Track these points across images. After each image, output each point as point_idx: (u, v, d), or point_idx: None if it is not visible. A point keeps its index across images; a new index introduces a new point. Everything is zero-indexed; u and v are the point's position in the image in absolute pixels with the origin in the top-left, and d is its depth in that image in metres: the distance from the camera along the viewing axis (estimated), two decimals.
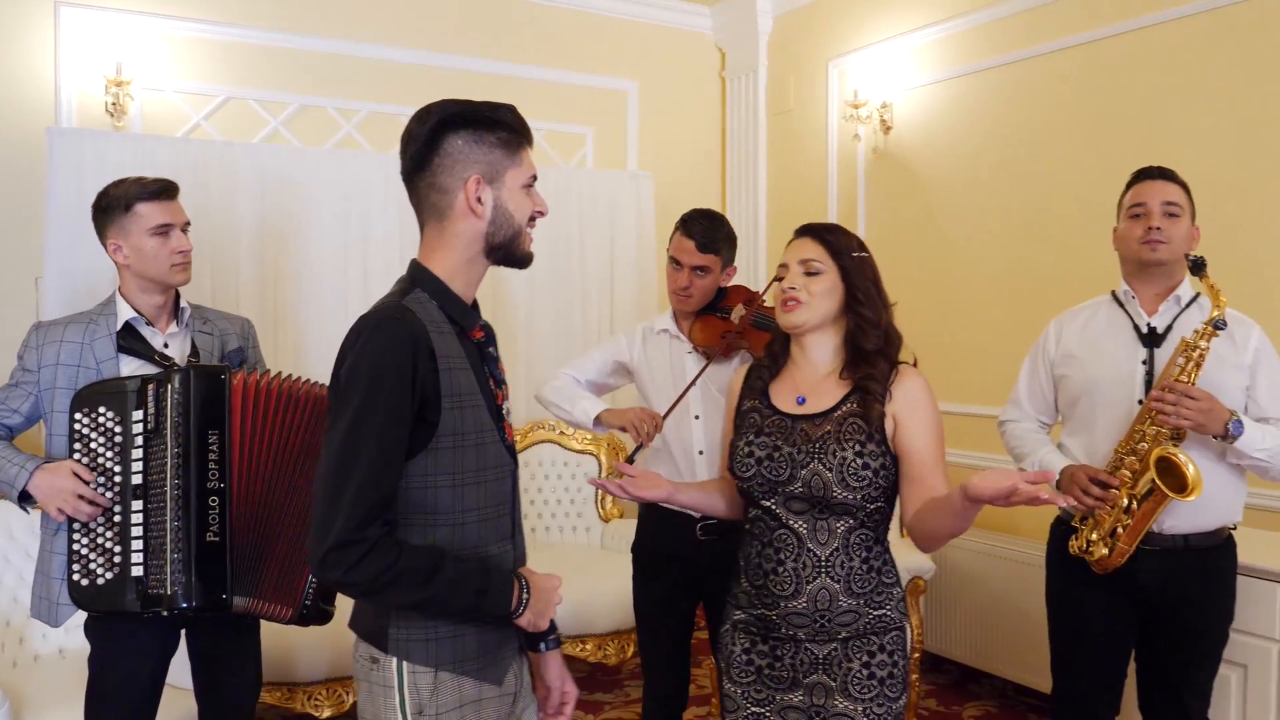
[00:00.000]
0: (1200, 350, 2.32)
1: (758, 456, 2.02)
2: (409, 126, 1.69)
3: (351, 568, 1.51)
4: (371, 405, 1.53)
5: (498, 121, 1.68)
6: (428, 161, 1.66)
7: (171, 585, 2.20)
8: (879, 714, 1.99)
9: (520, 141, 1.72)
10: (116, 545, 2.26)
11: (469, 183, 1.65)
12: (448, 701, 1.62)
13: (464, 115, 1.67)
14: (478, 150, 1.66)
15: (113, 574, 2.25)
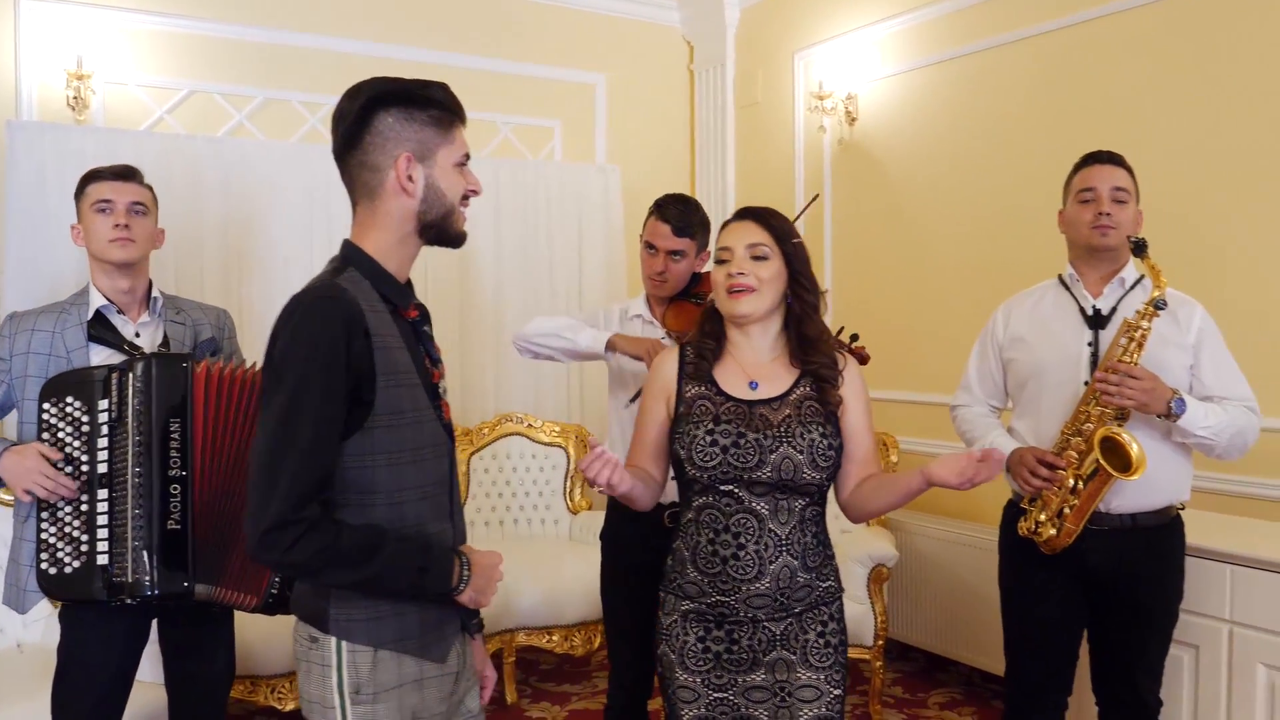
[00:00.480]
0: (1142, 330, 2.34)
1: (722, 445, 1.99)
2: (340, 104, 1.68)
3: (289, 549, 1.50)
4: (306, 385, 1.53)
5: (429, 99, 1.68)
6: (358, 140, 1.66)
7: (133, 573, 2.20)
8: (837, 680, 2.04)
9: (452, 120, 1.71)
10: (83, 534, 2.26)
11: (400, 161, 1.64)
12: (386, 680, 1.62)
13: (395, 93, 1.66)
14: (409, 128, 1.66)
15: (80, 562, 2.24)
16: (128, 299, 2.49)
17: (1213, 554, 2.75)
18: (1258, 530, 2.99)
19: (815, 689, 2.02)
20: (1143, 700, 2.53)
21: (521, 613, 4.03)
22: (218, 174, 4.35)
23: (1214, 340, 2.48)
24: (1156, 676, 2.55)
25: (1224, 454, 2.45)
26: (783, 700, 2.03)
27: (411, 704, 1.65)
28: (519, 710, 4.02)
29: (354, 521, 1.58)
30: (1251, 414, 2.45)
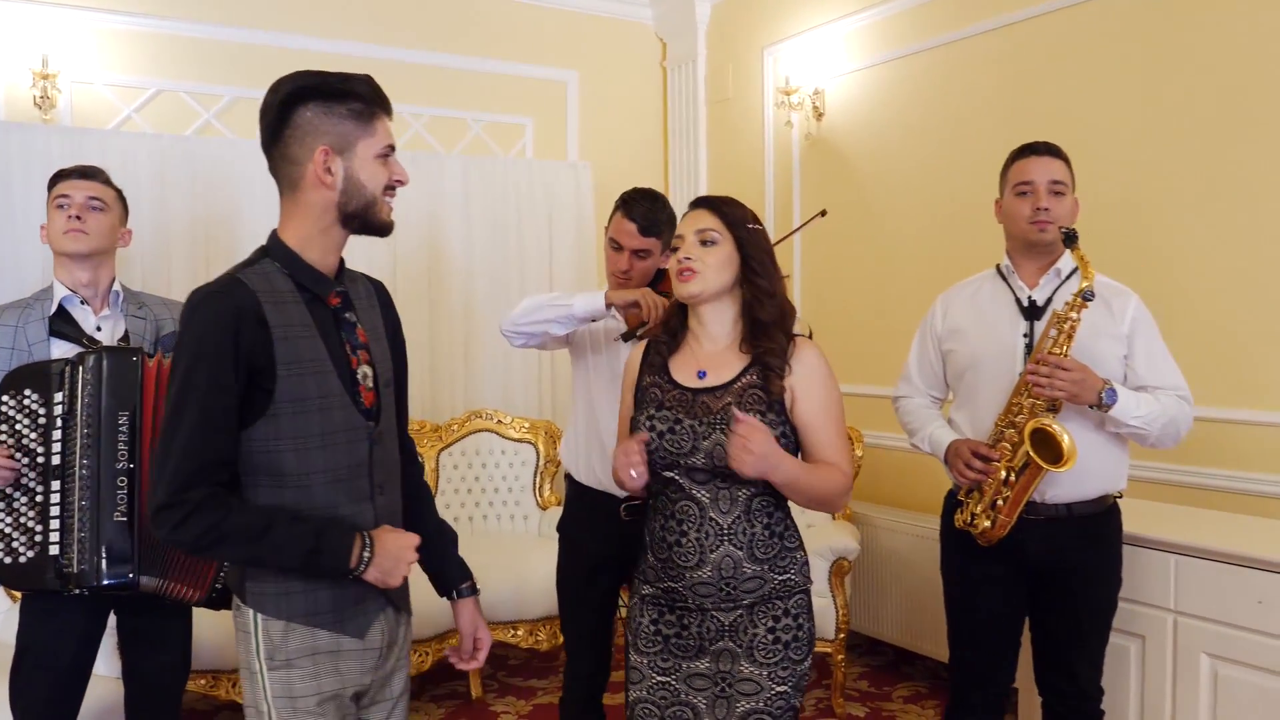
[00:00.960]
0: (1071, 321, 2.35)
1: (659, 430, 2.01)
2: (264, 99, 1.72)
3: (176, 527, 1.58)
4: (193, 377, 1.60)
5: (349, 93, 1.71)
6: (279, 133, 1.70)
7: (78, 564, 2.24)
8: (782, 677, 2.02)
9: (374, 112, 1.74)
10: (38, 524, 2.30)
11: (318, 153, 1.68)
12: (299, 648, 1.69)
13: (314, 87, 1.70)
14: (327, 121, 1.69)
15: (34, 552, 2.28)
16: (89, 292, 2.54)
17: (1156, 543, 2.76)
18: (1200, 519, 3.00)
19: (755, 683, 2.01)
20: (1083, 690, 2.54)
21: (485, 607, 4.01)
22: (185, 172, 4.37)
23: (1148, 330, 2.48)
24: (1097, 666, 2.55)
25: (1157, 443, 2.45)
26: (722, 690, 2.03)
27: (327, 674, 1.70)
28: (484, 705, 4.04)
29: (265, 503, 1.64)
30: (1184, 403, 2.46)
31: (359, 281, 1.89)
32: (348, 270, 1.85)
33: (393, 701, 1.85)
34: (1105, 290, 2.51)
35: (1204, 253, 3.38)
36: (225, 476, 1.63)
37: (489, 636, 2.03)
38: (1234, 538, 2.73)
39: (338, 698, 1.72)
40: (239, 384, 1.61)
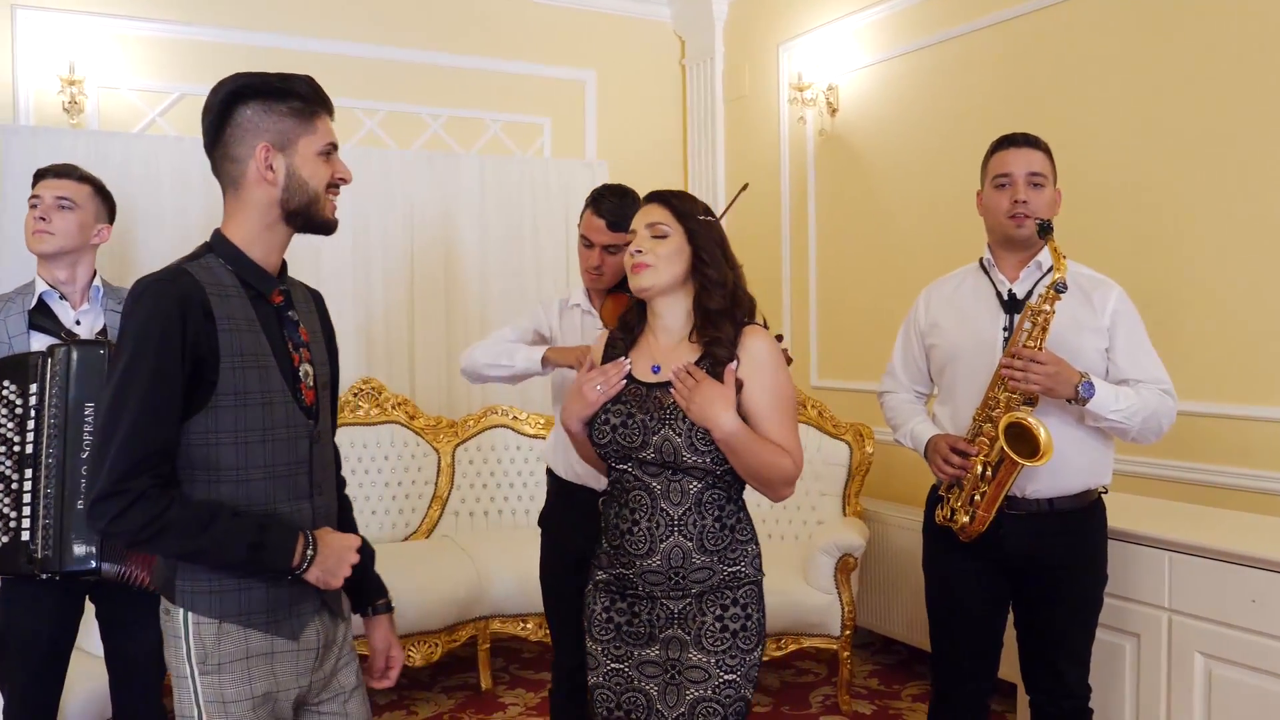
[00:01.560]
0: (1045, 314, 2.32)
1: (613, 424, 2.05)
2: (206, 100, 1.75)
3: (115, 518, 1.57)
4: (135, 366, 1.59)
5: (289, 91, 1.73)
6: (221, 133, 1.73)
7: (43, 550, 2.31)
8: (731, 665, 2.03)
9: (314, 110, 1.76)
10: (12, 511, 2.36)
11: (258, 150, 1.70)
12: (232, 651, 1.67)
13: (254, 87, 1.72)
14: (267, 119, 1.72)
15: (8, 538, 2.35)
16: (68, 288, 2.60)
17: (1151, 540, 2.72)
18: (1197, 516, 2.95)
19: (704, 670, 2.02)
20: (1068, 689, 2.50)
21: (495, 600, 4.09)
22: (205, 174, 4.44)
23: (1129, 322, 2.45)
24: (1083, 663, 2.52)
25: (1138, 438, 2.41)
26: (672, 678, 2.05)
27: (260, 677, 1.69)
28: (493, 696, 4.08)
29: (200, 497, 1.64)
30: (1166, 397, 2.41)
31: (298, 286, 1.90)
32: (289, 275, 1.86)
33: (345, 694, 1.85)
34: (1086, 282, 2.47)
35: (1210, 247, 3.31)
36: (168, 468, 1.62)
37: (401, 655, 2.02)
38: (1230, 535, 2.67)
39: (269, 699, 1.71)
40: (184, 374, 1.62)
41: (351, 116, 4.97)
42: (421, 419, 4.70)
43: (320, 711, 1.83)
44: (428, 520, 4.61)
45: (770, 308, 5.23)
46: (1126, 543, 2.74)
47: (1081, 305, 2.44)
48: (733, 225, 5.49)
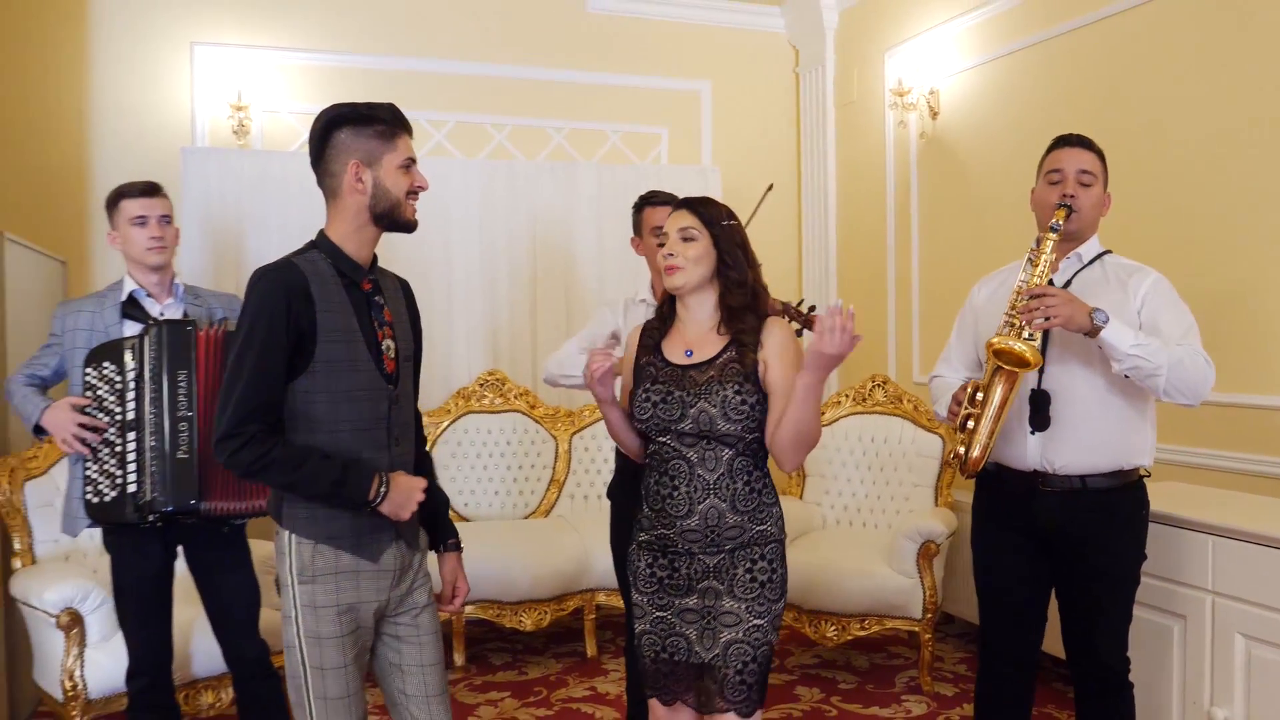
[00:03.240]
0: (1045, 257, 2.49)
1: (653, 401, 2.34)
2: (311, 127, 2.14)
3: (233, 454, 1.99)
4: (251, 337, 2.01)
5: (374, 117, 2.11)
6: (322, 153, 2.12)
7: (151, 493, 2.74)
8: (759, 611, 2.30)
9: (395, 132, 2.13)
10: (118, 470, 2.81)
11: (350, 166, 2.09)
12: (324, 566, 2.07)
13: (345, 115, 2.11)
14: (357, 141, 2.10)
15: (115, 492, 2.79)
16: (157, 289, 3.04)
17: (1195, 525, 2.80)
18: (1242, 502, 3.01)
19: (736, 615, 2.30)
20: (1105, 663, 2.62)
21: (600, 574, 4.42)
22: None
23: (1159, 299, 2.55)
24: (1119, 637, 2.62)
25: (1170, 390, 2.45)
26: (708, 623, 2.33)
27: (346, 590, 2.08)
28: (597, 663, 4.42)
29: (300, 443, 2.04)
30: (1199, 357, 2.48)
31: (389, 276, 2.29)
32: (379, 267, 2.25)
33: (417, 610, 2.23)
34: (1122, 270, 2.61)
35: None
36: (274, 418, 2.02)
37: (467, 586, 2.40)
38: (1269, 520, 2.74)
39: (354, 610, 2.10)
40: (289, 344, 2.01)
41: (481, 131, 5.43)
42: (541, 408, 5.09)
43: (397, 623, 2.21)
44: (545, 501, 5.00)
45: (875, 304, 5.41)
46: (1173, 527, 2.83)
47: (1117, 289, 2.57)
48: (839, 225, 5.70)
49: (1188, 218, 3.68)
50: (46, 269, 4.42)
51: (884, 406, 4.75)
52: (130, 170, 4.81)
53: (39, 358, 3.02)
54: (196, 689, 3.40)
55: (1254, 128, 3.44)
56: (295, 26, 5.12)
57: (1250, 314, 3.43)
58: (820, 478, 4.77)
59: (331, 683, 2.06)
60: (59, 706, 3.29)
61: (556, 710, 3.93)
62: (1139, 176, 3.85)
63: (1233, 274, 3.50)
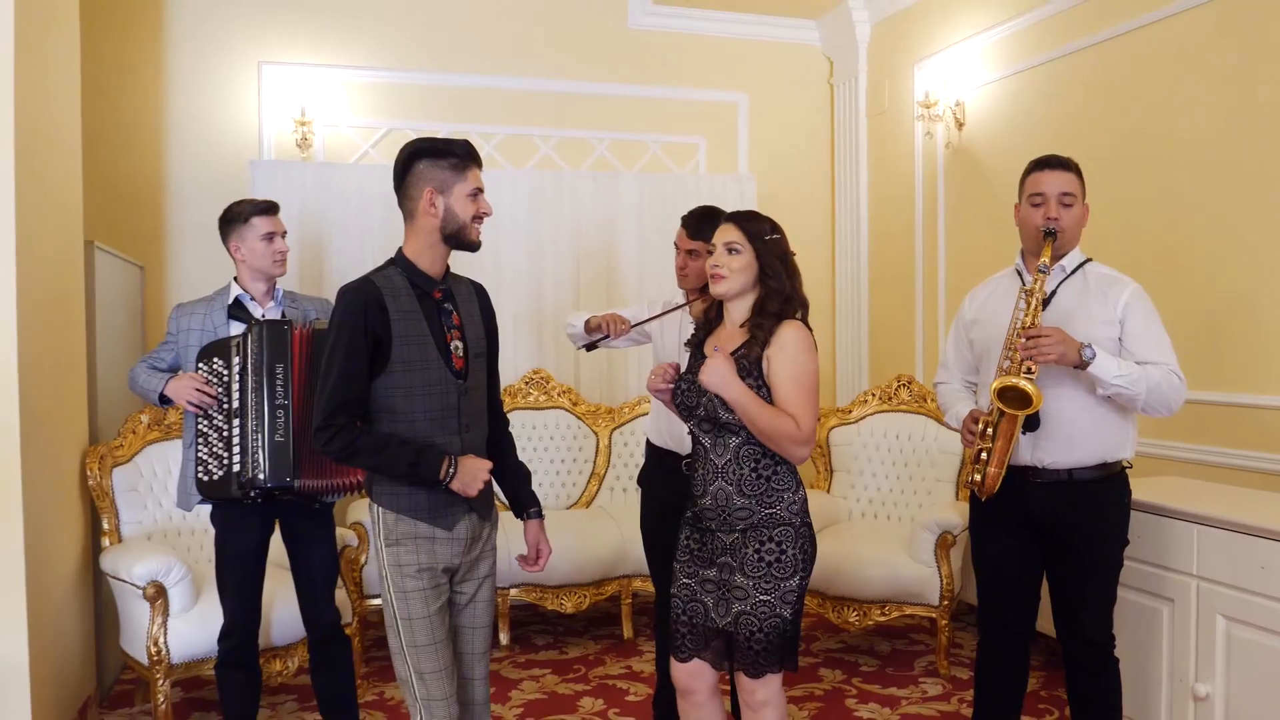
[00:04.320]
0: (1036, 295, 2.71)
1: (682, 389, 2.66)
2: (396, 157, 2.47)
3: (326, 442, 2.35)
4: (336, 344, 2.36)
5: (449, 151, 2.44)
6: (403, 180, 2.46)
7: (252, 472, 3.09)
8: (766, 588, 2.56)
9: (467, 165, 2.45)
10: (224, 451, 3.16)
11: (426, 193, 2.41)
12: (406, 533, 2.42)
13: (425, 148, 2.44)
14: (433, 171, 2.42)
15: (222, 471, 3.15)
16: (263, 295, 3.37)
17: (1182, 514, 3.02)
18: (1225, 494, 3.22)
19: (745, 590, 2.57)
20: (1091, 638, 2.85)
21: (635, 561, 4.69)
22: None
23: (1140, 314, 2.78)
24: (1104, 615, 2.85)
25: (1148, 408, 2.73)
26: (723, 594, 2.62)
27: (424, 553, 2.42)
28: (633, 644, 4.71)
29: (384, 431, 2.39)
30: (1172, 375, 2.73)
31: (463, 283, 2.60)
32: (453, 275, 2.56)
33: (479, 580, 2.56)
34: (1103, 281, 2.83)
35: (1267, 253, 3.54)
36: (360, 411, 2.38)
37: (549, 549, 2.72)
38: (1246, 509, 2.95)
39: (431, 570, 2.43)
40: (368, 349, 2.36)
41: (529, 142, 5.74)
42: (583, 405, 5.39)
43: (461, 590, 2.54)
44: (587, 493, 5.29)
45: (903, 306, 5.64)
46: (1162, 517, 3.05)
47: (1097, 300, 2.80)
48: (870, 230, 5.92)
49: (1190, 225, 3.87)
50: (128, 274, 4.81)
51: (909, 405, 4.97)
52: (203, 181, 5.22)
53: (157, 353, 3.38)
54: (267, 657, 3.73)
55: (1257, 141, 3.62)
56: (355, 46, 5.47)
57: (1246, 318, 3.63)
58: (846, 473, 5.01)
59: (419, 631, 2.40)
60: (144, 670, 3.65)
61: (594, 686, 4.22)
62: (1146, 185, 4.05)
63: (1232, 280, 3.70)
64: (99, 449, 4.00)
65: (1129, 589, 3.11)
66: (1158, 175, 4.04)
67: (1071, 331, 2.72)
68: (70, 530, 3.75)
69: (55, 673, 3.42)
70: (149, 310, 5.16)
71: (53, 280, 3.52)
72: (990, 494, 2.83)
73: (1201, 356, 3.73)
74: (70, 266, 3.80)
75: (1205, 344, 3.76)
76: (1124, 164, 4.18)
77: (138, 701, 4.05)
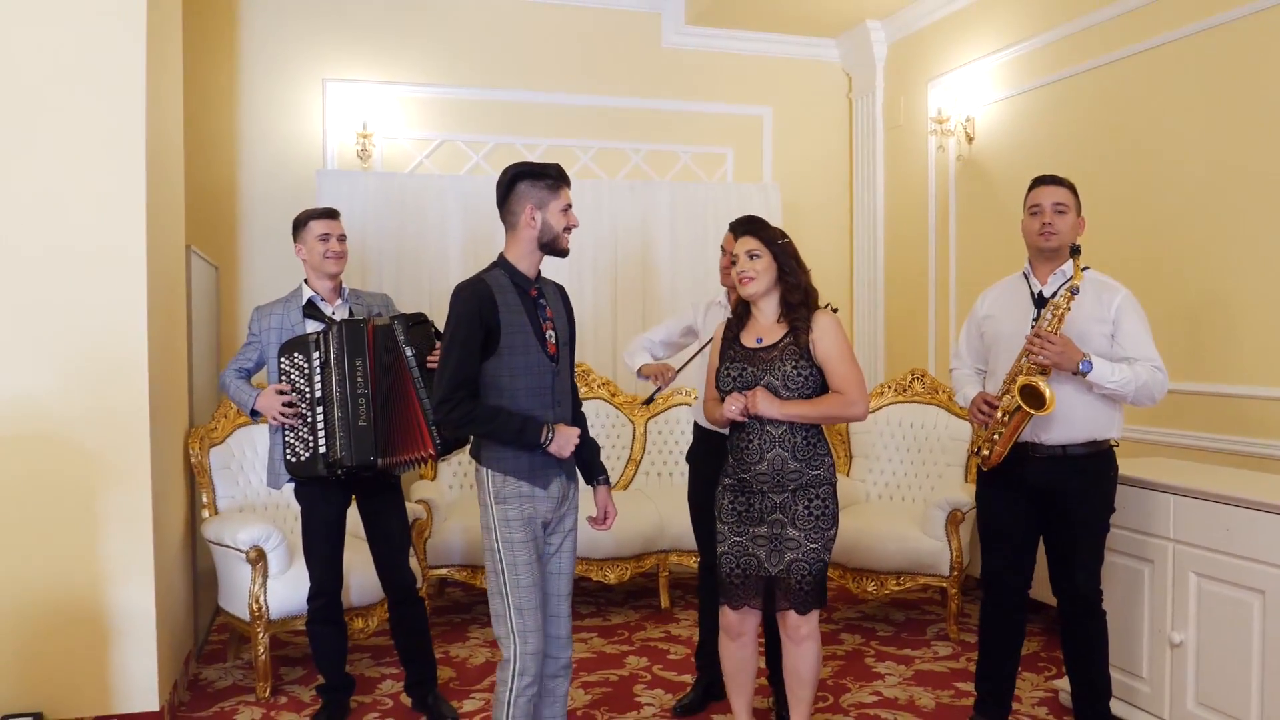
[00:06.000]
0: (1062, 309, 3.15)
1: (733, 375, 3.14)
2: (499, 178, 2.93)
3: (447, 413, 2.81)
4: (456, 333, 2.81)
5: (545, 174, 2.90)
6: (506, 198, 2.92)
7: (339, 452, 3.51)
8: (814, 538, 3.08)
9: (559, 185, 2.91)
10: (309, 435, 3.57)
11: (527, 208, 2.88)
12: (511, 492, 2.87)
13: (525, 171, 2.90)
14: (533, 190, 2.88)
15: (308, 453, 3.57)
16: (330, 293, 3.78)
17: (1160, 486, 3.46)
18: (1200, 471, 3.68)
19: (797, 541, 3.07)
20: (1079, 590, 3.30)
21: (672, 537, 5.16)
22: (459, 204, 5.80)
23: (1130, 316, 3.23)
24: (1091, 572, 3.30)
25: (1135, 401, 3.20)
26: (775, 546, 3.10)
27: (526, 508, 2.87)
28: (670, 613, 5.18)
29: (492, 404, 2.83)
30: (1157, 372, 3.19)
31: (549, 284, 3.06)
32: (543, 278, 3.02)
33: (565, 533, 3.01)
34: (1099, 286, 3.28)
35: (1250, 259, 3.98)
36: (474, 388, 2.82)
37: (615, 511, 3.16)
38: (1216, 482, 3.40)
39: (532, 523, 2.89)
40: (481, 335, 2.80)
41: (570, 153, 6.20)
42: (621, 396, 5.85)
43: (551, 541, 2.98)
44: (624, 478, 5.75)
45: (917, 306, 6.09)
46: (1144, 489, 3.49)
47: (1094, 302, 3.25)
48: (886, 236, 6.37)
49: (1175, 231, 4.32)
50: (208, 275, 5.29)
51: (922, 396, 5.42)
52: (272, 189, 5.69)
53: (243, 354, 3.80)
54: (350, 616, 4.20)
55: (1235, 157, 4.06)
56: (412, 64, 5.94)
57: (1224, 315, 4.07)
58: (864, 459, 5.46)
59: (522, 574, 2.86)
60: (244, 626, 4.12)
61: (638, 646, 4.69)
62: (1136, 195, 4.50)
63: (1211, 279, 4.14)
64: (199, 431, 4.48)
65: (1115, 553, 3.55)
66: (1147, 186, 4.48)
67: (1071, 328, 3.17)
68: (177, 501, 4.23)
69: (170, 624, 3.89)
70: (224, 308, 5.64)
71: (167, 280, 3.99)
72: (993, 466, 3.29)
73: (1183, 350, 4.18)
74: (177, 268, 4.28)
75: (1187, 338, 4.20)
76: (1117, 175, 4.63)
77: (230, 658, 4.52)
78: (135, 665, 3.59)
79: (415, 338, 3.62)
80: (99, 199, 3.52)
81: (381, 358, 3.57)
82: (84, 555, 3.52)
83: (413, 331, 3.63)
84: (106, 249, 3.53)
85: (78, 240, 3.50)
